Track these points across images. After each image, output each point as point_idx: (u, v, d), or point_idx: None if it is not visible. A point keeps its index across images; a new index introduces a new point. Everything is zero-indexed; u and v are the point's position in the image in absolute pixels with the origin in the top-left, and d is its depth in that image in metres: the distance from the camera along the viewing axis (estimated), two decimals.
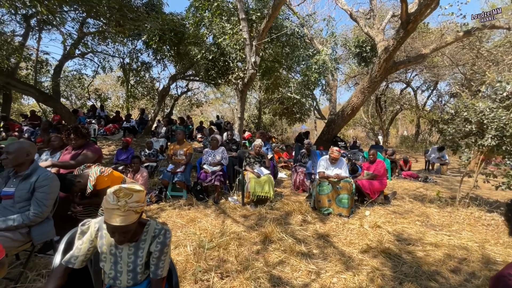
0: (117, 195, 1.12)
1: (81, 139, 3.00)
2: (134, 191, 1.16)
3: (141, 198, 1.18)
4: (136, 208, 1.14)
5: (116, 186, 1.18)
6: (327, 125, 9.06)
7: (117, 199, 1.11)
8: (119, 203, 1.10)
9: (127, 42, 10.85)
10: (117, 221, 1.10)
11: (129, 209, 1.11)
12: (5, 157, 1.87)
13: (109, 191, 1.15)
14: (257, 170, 4.08)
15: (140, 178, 4.11)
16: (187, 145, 4.44)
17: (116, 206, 1.09)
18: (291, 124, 21.41)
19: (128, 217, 1.12)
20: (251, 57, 6.16)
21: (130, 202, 1.12)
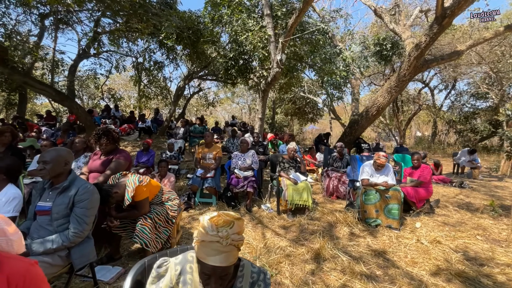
0: (216, 223, 0.84)
1: (112, 144, 2.75)
2: (235, 219, 0.88)
3: (242, 228, 0.90)
4: (238, 243, 0.86)
5: (211, 213, 0.90)
6: (349, 126, 8.67)
7: (217, 229, 0.82)
8: (219, 233, 0.82)
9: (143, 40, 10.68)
10: (216, 260, 0.82)
11: (231, 243, 0.83)
12: (42, 167, 1.61)
13: (204, 219, 0.87)
14: (293, 176, 3.77)
15: (168, 183, 3.85)
16: (216, 148, 4.16)
17: (216, 238, 0.81)
18: (302, 124, 21.05)
19: (229, 254, 0.84)
20: (276, 55, 5.85)
21: (232, 233, 0.84)
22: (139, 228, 2.16)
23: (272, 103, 16.65)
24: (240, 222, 0.89)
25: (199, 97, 17.81)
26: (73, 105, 8.19)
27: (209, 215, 0.88)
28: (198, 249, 0.85)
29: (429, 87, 18.38)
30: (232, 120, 12.21)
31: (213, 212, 0.90)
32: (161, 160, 3.97)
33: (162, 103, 17.34)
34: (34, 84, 7.41)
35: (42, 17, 9.54)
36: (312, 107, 19.50)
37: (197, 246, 0.86)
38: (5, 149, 3.59)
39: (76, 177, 1.75)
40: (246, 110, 30.90)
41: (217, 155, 4.11)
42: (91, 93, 15.88)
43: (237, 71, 7.13)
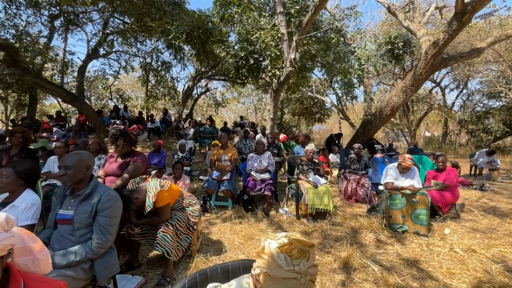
0: (290, 253, 0.70)
1: (129, 146, 2.64)
2: (309, 246, 0.73)
3: (315, 256, 0.75)
4: (314, 276, 0.71)
5: (280, 240, 0.74)
6: (362, 127, 8.47)
7: (292, 263, 0.68)
8: (296, 268, 0.68)
9: (151, 40, 10.67)
10: None
11: (310, 278, 0.69)
12: (63, 173, 1.50)
13: (271, 247, 0.72)
14: (313, 179, 3.62)
15: (183, 186, 3.74)
16: (231, 150, 4.03)
17: (293, 275, 0.67)
18: (309, 124, 20.82)
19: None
20: (289, 54, 5.70)
21: (309, 266, 0.69)
22: (161, 236, 2.04)
23: (280, 103, 16.45)
24: (314, 249, 0.74)
25: (206, 97, 17.76)
26: (83, 106, 8.19)
27: (275, 241, 0.73)
28: (265, 283, 0.71)
29: (440, 86, 18.00)
30: (240, 120, 12.09)
31: (280, 236, 0.75)
32: (176, 161, 3.86)
33: (170, 103, 17.34)
34: (44, 85, 7.41)
35: (52, 18, 9.56)
36: (319, 107, 19.30)
37: (263, 278, 0.72)
38: (18, 150, 3.53)
39: (98, 183, 1.64)
40: (252, 110, 30.79)
41: (233, 157, 3.98)
42: (99, 94, 15.94)
43: (248, 70, 7.00)
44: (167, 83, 13.35)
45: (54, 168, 3.58)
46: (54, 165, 3.60)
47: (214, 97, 13.94)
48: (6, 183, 1.67)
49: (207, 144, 7.38)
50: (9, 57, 6.51)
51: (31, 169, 1.80)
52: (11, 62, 6.63)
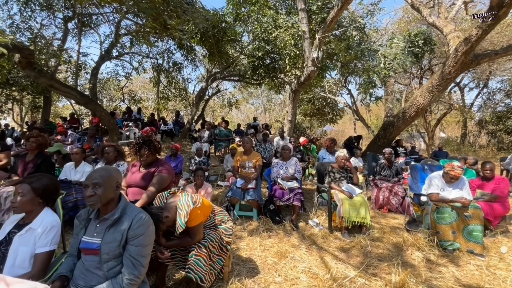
0: None
1: (153, 155, 2.41)
2: None
3: None
4: None
5: None
6: (383, 129, 8.07)
7: None
8: None
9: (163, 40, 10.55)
10: None
11: None
12: (91, 193, 1.25)
13: None
14: (347, 189, 3.31)
15: (206, 195, 3.49)
16: (256, 156, 3.76)
17: None
18: (320, 125, 20.39)
19: None
20: (311, 52, 5.40)
21: None
22: (194, 260, 1.78)
23: None
24: None
25: (217, 98, 17.61)
26: (96, 108, 8.09)
27: None
28: None
29: (459, 85, 17.30)
30: (253, 121, 11.82)
31: None
32: (198, 168, 3.61)
33: (181, 104, 17.24)
34: (59, 87, 7.34)
35: (65, 21, 9.55)
36: (331, 107, 18.86)
37: None
38: (34, 156, 3.35)
39: (127, 205, 1.39)
40: (261, 110, 30.50)
41: (257, 163, 3.71)
42: (111, 96, 15.97)
43: (265, 70, 6.73)
44: (179, 84, 13.24)
45: (71, 175, 3.39)
46: (71, 172, 3.41)
47: (228, 98, 13.72)
48: (22, 202, 1.44)
49: (223, 147, 7.14)
50: (25, 59, 6.45)
51: (50, 185, 1.57)
52: (26, 64, 6.57)
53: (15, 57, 6.49)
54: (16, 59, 6.46)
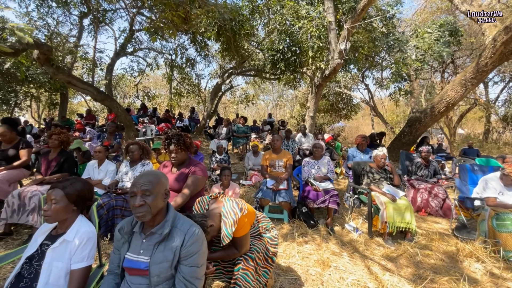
0: None
1: (184, 152, 2.21)
2: None
3: None
4: None
5: None
6: (408, 125, 7.65)
7: None
8: None
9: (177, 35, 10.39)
10: None
11: None
12: (142, 202, 1.05)
13: None
14: (388, 191, 3.02)
15: (233, 195, 3.28)
16: (286, 155, 3.51)
17: None
18: (334, 121, 19.91)
19: None
20: (338, 44, 5.07)
21: None
22: (241, 275, 1.56)
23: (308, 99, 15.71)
24: None
25: (230, 94, 17.41)
26: (113, 104, 8.03)
27: None
28: None
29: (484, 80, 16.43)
30: (269, 118, 11.56)
31: None
32: (225, 167, 3.40)
33: (195, 100, 17.14)
34: (77, 84, 7.29)
35: (81, 17, 9.50)
36: (346, 103, 18.35)
37: None
38: (56, 154, 3.23)
39: (177, 216, 1.18)
40: (272, 106, 30.14)
41: (288, 163, 3.46)
42: (125, 92, 16.03)
43: (287, 64, 6.43)
44: (192, 81, 13.11)
45: (94, 174, 3.25)
46: (94, 171, 3.27)
47: (240, 94, 13.49)
48: (56, 210, 1.25)
49: (241, 144, 6.93)
50: (43, 56, 6.39)
51: (84, 190, 1.38)
52: (45, 60, 6.53)
53: (34, 53, 6.45)
54: (35, 55, 6.42)
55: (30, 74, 9.40)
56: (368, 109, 28.39)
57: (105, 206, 2.68)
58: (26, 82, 9.99)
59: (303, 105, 18.42)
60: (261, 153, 5.29)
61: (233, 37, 7.60)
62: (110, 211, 2.70)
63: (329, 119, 19.86)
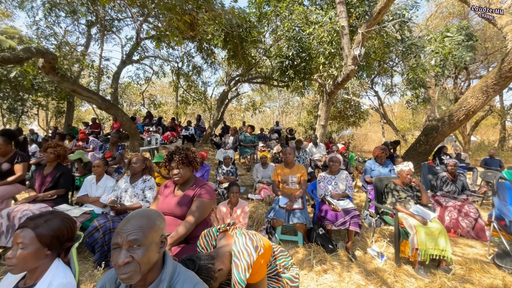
0: None
1: (187, 168, 1.92)
2: None
3: None
4: None
5: None
6: (425, 134, 7.25)
7: None
8: None
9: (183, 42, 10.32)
10: None
11: None
12: (128, 258, 0.77)
13: None
14: (417, 212, 2.68)
15: (243, 215, 2.98)
16: (300, 169, 3.21)
17: None
18: (342, 129, 19.50)
19: None
20: (352, 50, 4.80)
21: None
22: None
23: (316, 107, 15.43)
24: None
25: (236, 101, 17.29)
26: (118, 113, 7.88)
27: None
28: None
29: None
30: (276, 126, 11.28)
31: None
32: (232, 183, 3.10)
33: (201, 108, 17.04)
34: (81, 92, 7.17)
35: (88, 26, 9.52)
36: (354, 110, 17.99)
37: None
38: (52, 169, 3.00)
39: (176, 271, 0.88)
40: (277, 113, 29.90)
41: (302, 178, 3.15)
42: (131, 100, 16.03)
43: (296, 71, 6.17)
44: (198, 88, 13.01)
45: (92, 190, 3.00)
46: (91, 187, 3.01)
47: (247, 101, 13.31)
48: (23, 257, 0.98)
49: (249, 154, 6.65)
50: (48, 64, 6.30)
51: (63, 229, 1.10)
52: (50, 69, 6.44)
53: (39, 62, 6.37)
54: (40, 64, 6.33)
55: (36, 83, 9.39)
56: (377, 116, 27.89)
57: (101, 228, 2.41)
58: (33, 91, 10.00)
59: (310, 112, 18.12)
60: (270, 165, 4.99)
61: (240, 44, 7.43)
62: (106, 234, 2.42)
63: (338, 127, 19.48)
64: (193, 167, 1.95)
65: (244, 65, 8.35)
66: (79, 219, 2.60)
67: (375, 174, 3.98)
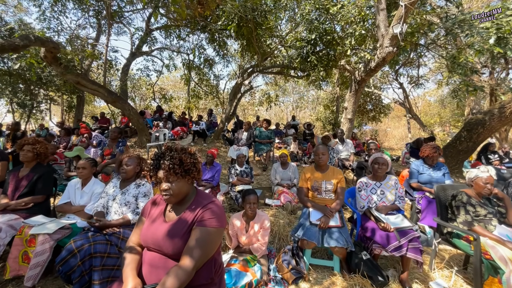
0: None
1: (183, 182, 1.26)
2: None
3: None
4: None
5: None
6: (466, 129, 6.28)
7: None
8: None
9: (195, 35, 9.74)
10: None
11: None
12: None
13: None
14: (505, 235, 1.92)
15: (262, 232, 2.32)
16: (336, 174, 2.49)
17: None
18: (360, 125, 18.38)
19: None
20: (391, 27, 3.97)
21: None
22: None
23: (334, 100, 14.52)
24: None
25: (249, 95, 16.63)
26: (125, 107, 7.41)
27: None
28: None
29: None
30: (292, 120, 10.52)
31: None
32: (249, 191, 2.42)
33: (212, 103, 16.50)
34: (86, 84, 6.73)
35: (96, 15, 9.09)
36: (375, 104, 16.83)
37: None
38: (29, 170, 2.45)
39: None
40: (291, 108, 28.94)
41: (339, 185, 2.44)
42: (143, 94, 15.71)
43: (319, 57, 5.40)
44: (210, 82, 12.44)
45: (76, 197, 2.43)
46: (76, 192, 2.45)
47: (267, 93, 12.63)
48: None
49: (265, 151, 5.97)
50: (50, 54, 5.87)
51: None
52: (52, 59, 6.01)
53: (41, 51, 5.95)
54: (42, 53, 5.91)
55: (45, 76, 9.10)
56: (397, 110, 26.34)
57: (79, 253, 1.81)
58: (43, 85, 9.76)
59: (327, 107, 17.16)
60: (291, 165, 4.30)
61: (255, 30, 6.71)
62: (86, 261, 1.83)
63: (357, 121, 18.42)
64: (192, 178, 1.29)
65: (259, 54, 7.63)
66: (53, 237, 2.03)
67: (424, 179, 3.21)
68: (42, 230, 2.00)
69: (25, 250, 2.03)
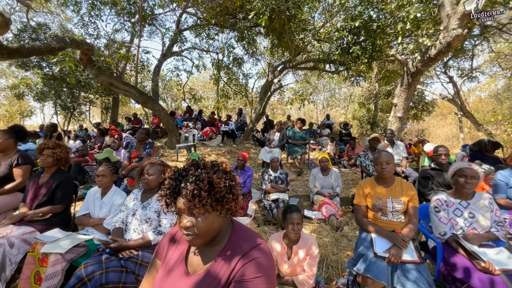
0: None
1: (214, 216, 0.81)
2: None
3: None
4: None
5: None
6: None
7: None
8: None
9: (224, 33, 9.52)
10: None
11: None
12: None
13: None
14: None
15: (308, 260, 1.83)
16: (407, 189, 1.90)
17: None
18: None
19: None
20: (461, 4, 3.22)
21: None
22: None
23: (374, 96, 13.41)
24: None
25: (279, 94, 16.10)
26: (155, 107, 7.37)
27: None
28: None
29: None
30: (327, 120, 9.81)
31: None
32: (291, 207, 1.95)
33: (241, 102, 16.29)
34: (118, 85, 6.78)
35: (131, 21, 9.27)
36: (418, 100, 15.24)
37: None
38: (49, 176, 2.25)
39: None
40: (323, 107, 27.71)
41: (411, 204, 1.87)
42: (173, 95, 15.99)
43: (363, 48, 4.73)
44: (239, 81, 12.20)
45: (95, 209, 2.16)
46: (95, 202, 2.18)
47: (300, 91, 12.08)
48: None
49: (300, 154, 5.44)
50: (85, 56, 5.96)
51: None
52: (87, 61, 6.10)
53: (77, 54, 6.09)
54: (78, 56, 6.03)
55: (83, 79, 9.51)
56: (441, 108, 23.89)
57: (90, 282, 1.50)
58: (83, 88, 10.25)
59: (363, 105, 15.99)
60: (333, 171, 3.74)
61: (288, 23, 6.20)
62: None
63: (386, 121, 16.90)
64: (227, 209, 0.85)
65: (291, 49, 7.10)
66: (66, 257, 1.76)
67: None
68: (54, 249, 1.74)
69: (37, 269, 1.79)
